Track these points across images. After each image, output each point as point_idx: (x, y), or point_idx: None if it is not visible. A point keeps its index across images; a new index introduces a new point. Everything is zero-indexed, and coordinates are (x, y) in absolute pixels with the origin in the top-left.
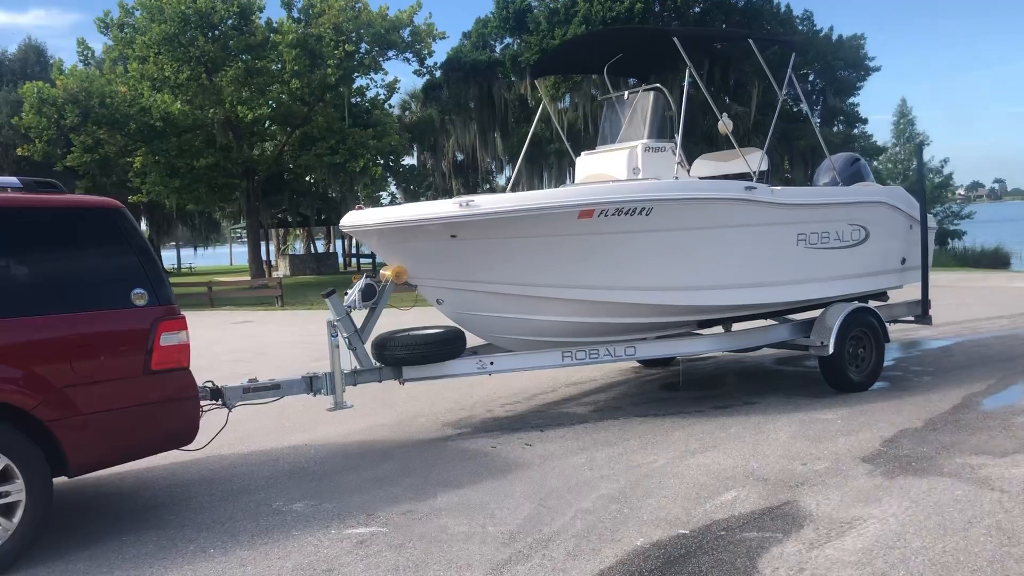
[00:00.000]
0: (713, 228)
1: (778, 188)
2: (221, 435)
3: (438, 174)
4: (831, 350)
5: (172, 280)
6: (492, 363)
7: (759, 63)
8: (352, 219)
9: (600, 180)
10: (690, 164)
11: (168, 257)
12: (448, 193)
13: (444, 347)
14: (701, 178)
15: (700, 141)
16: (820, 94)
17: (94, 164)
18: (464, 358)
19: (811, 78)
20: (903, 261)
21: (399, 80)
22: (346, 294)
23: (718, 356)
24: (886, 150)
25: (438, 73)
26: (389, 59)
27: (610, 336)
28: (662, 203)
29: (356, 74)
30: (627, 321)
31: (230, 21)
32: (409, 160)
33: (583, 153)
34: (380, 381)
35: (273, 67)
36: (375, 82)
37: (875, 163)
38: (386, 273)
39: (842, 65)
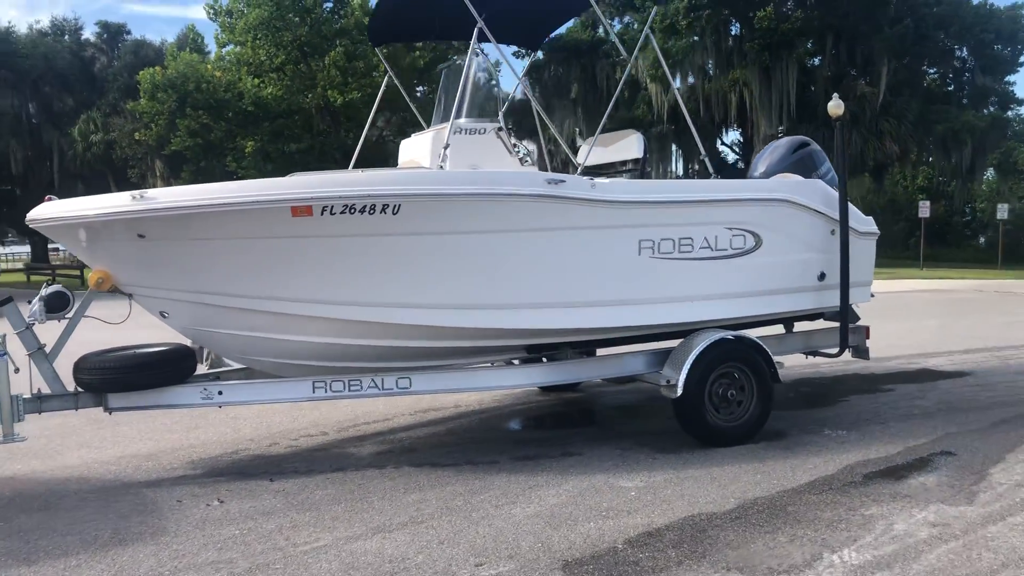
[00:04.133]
0: (502, 232)
1: (605, 181)
2: None
3: (542, 158)
4: (679, 391)
5: None
6: (220, 393)
7: (888, 37)
8: (37, 213)
9: (411, 168)
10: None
11: None
12: None
13: (150, 372)
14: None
15: (822, 126)
16: (969, 72)
17: (198, 148)
18: (188, 385)
19: (959, 53)
20: (822, 276)
21: (500, 63)
22: (29, 303)
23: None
24: None
25: (540, 55)
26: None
27: (388, 362)
28: (412, 200)
29: (452, 56)
30: (399, 345)
31: (328, 5)
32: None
33: (414, 134)
34: (76, 409)
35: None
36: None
37: None
38: (89, 279)
39: (994, 39)
